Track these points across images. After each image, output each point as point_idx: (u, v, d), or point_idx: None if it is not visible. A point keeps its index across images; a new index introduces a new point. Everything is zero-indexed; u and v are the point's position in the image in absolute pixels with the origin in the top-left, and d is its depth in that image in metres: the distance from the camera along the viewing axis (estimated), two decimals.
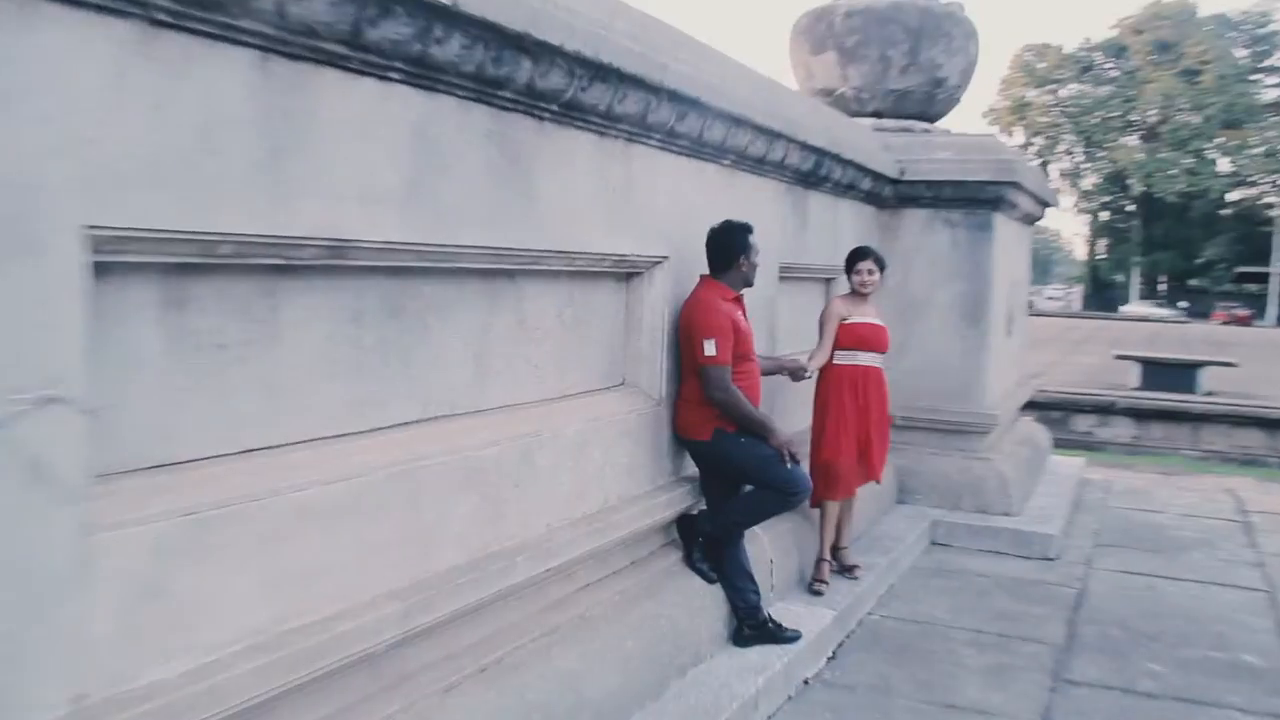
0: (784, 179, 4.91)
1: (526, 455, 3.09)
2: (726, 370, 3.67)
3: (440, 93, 2.62)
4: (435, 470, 2.72)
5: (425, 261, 2.72)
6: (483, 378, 3.08)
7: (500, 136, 2.85)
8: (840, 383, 4.64)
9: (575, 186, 3.23)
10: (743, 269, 3.80)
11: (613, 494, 3.57)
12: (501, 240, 2.91)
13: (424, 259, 2.70)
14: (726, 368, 3.67)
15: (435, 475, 2.72)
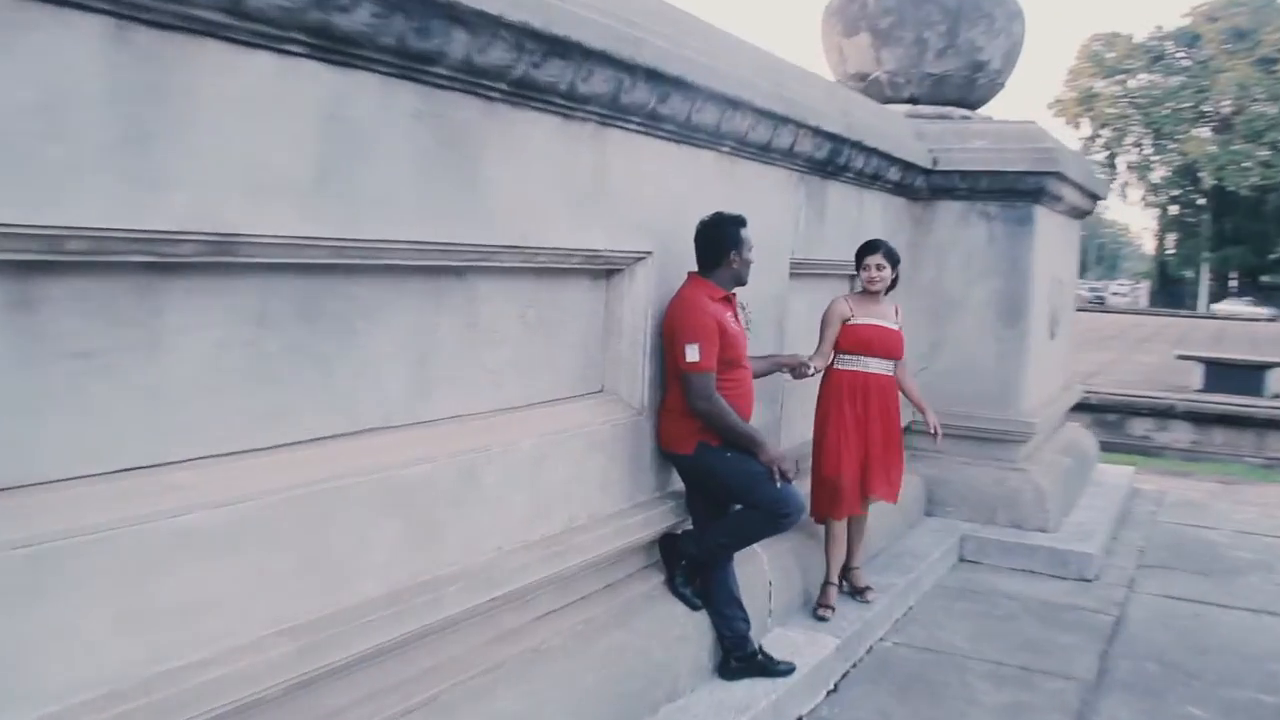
0: (796, 168, 4.55)
1: (470, 473, 2.79)
2: (710, 378, 3.34)
3: (356, 69, 2.32)
4: (352, 492, 2.44)
5: (346, 258, 2.43)
6: (426, 387, 2.79)
7: (436, 118, 2.55)
8: (839, 390, 4.26)
9: (533, 174, 2.92)
10: (734, 265, 3.46)
11: (581, 513, 3.26)
12: (441, 234, 2.61)
13: (343, 255, 2.42)
14: (710, 375, 3.34)
15: (352, 497, 2.44)
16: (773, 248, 4.44)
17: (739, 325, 3.54)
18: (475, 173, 2.70)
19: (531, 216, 2.92)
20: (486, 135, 2.72)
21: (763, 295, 4.32)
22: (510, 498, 2.95)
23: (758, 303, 4.27)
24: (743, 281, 3.55)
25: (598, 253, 3.25)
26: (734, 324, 3.46)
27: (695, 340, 3.29)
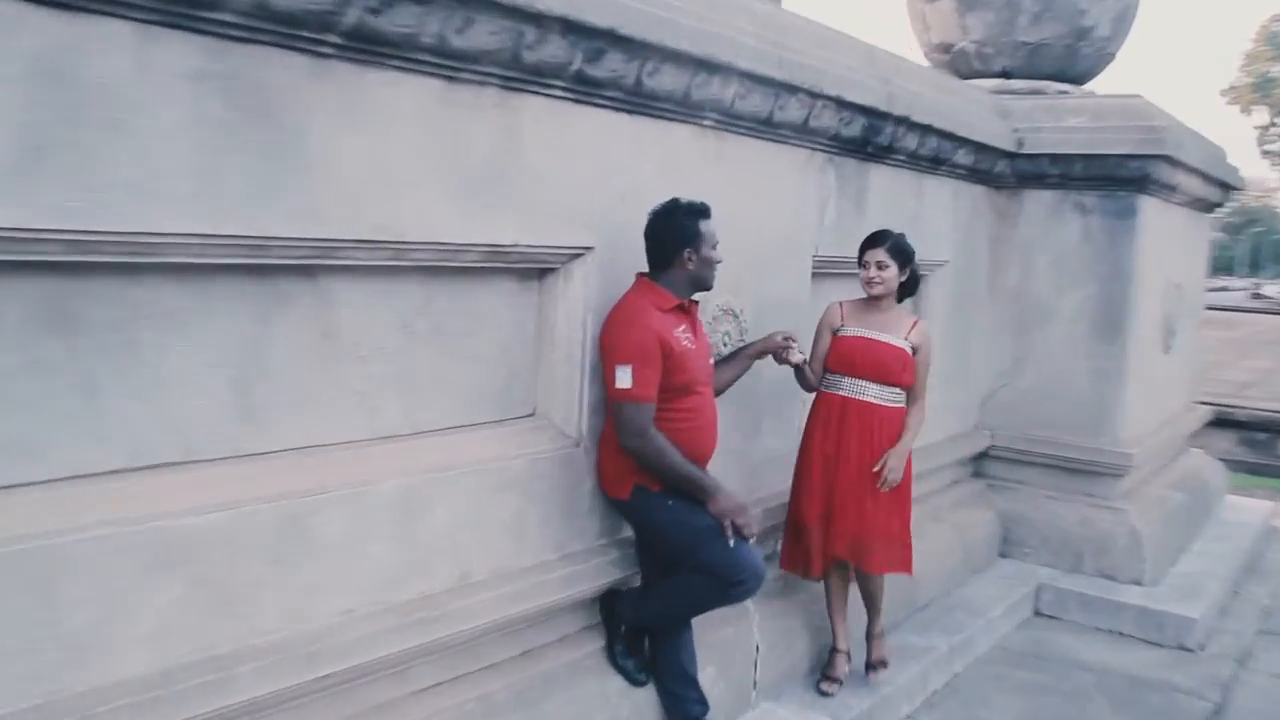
0: (818, 147, 3.80)
1: (298, 520, 2.24)
2: (644, 409, 2.68)
3: (94, 14, 1.79)
4: (104, 545, 1.92)
5: (103, 255, 1.92)
6: (254, 412, 2.26)
7: (229, 80, 2.00)
8: (814, 417, 3.48)
9: (396, 152, 2.34)
10: (688, 266, 2.78)
11: (480, 566, 2.67)
12: (240, 226, 2.06)
13: (94, 252, 1.89)
14: (644, 405, 2.68)
15: (103, 552, 1.92)
16: (785, 243, 3.73)
17: (698, 341, 2.85)
18: (298, 149, 2.14)
19: (394, 203, 2.34)
20: (316, 101, 2.15)
21: (771, 300, 3.61)
22: (365, 549, 2.39)
23: (766, 310, 3.57)
24: (704, 285, 2.86)
25: (504, 248, 2.64)
26: (686, 340, 2.78)
27: (628, 361, 2.64)
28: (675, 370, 2.72)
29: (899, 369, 3.34)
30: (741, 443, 3.62)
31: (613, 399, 2.69)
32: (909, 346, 3.36)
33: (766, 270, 3.62)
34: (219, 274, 2.16)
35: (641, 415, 2.66)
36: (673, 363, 2.71)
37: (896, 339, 3.34)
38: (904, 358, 3.33)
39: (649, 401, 2.67)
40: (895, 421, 3.35)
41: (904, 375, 3.35)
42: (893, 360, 3.33)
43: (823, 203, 3.92)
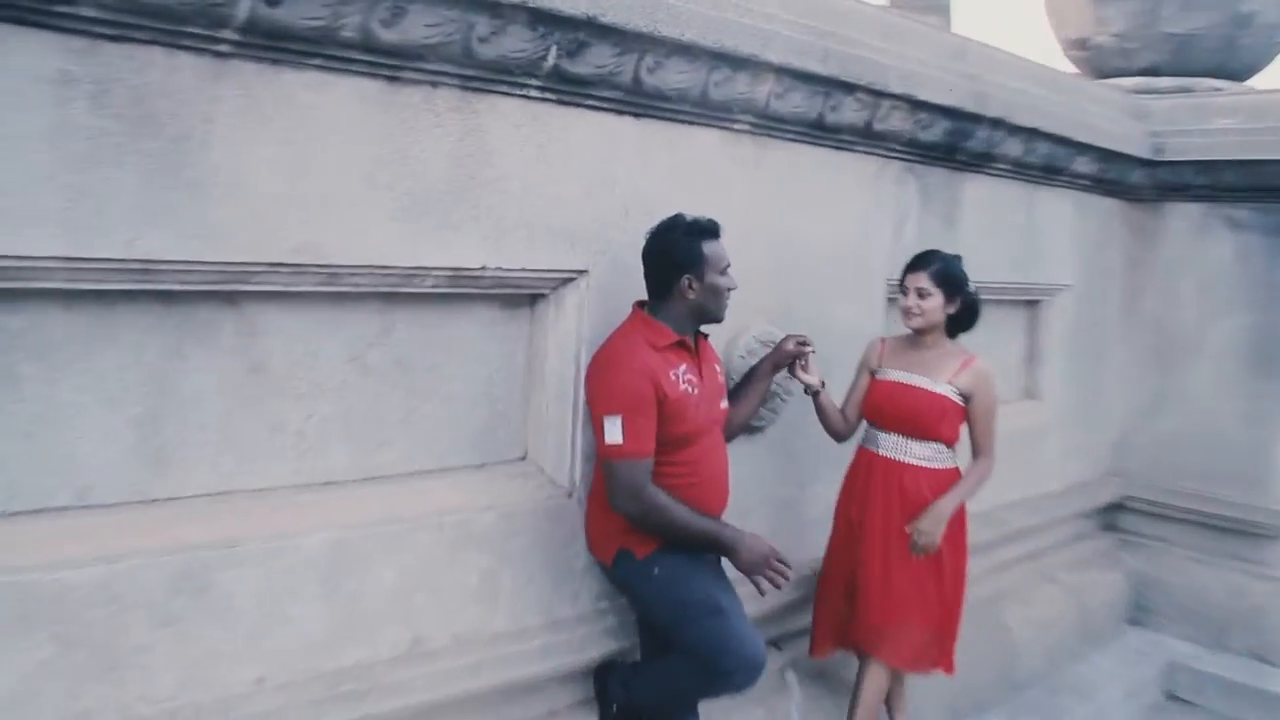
0: (892, 154, 3.31)
1: (197, 576, 1.98)
2: (640, 467, 2.28)
3: None
4: None
5: None
6: (162, 453, 2.03)
7: (102, 84, 1.76)
8: (847, 476, 2.94)
9: (322, 163, 2.05)
10: (689, 296, 2.37)
11: (437, 631, 2.35)
12: (120, 248, 1.82)
13: None
14: (641, 463, 2.27)
15: None
16: (849, 264, 3.25)
17: (704, 383, 2.43)
18: (193, 161, 1.88)
19: (320, 222, 2.06)
20: (215, 107, 1.89)
21: (831, 331, 3.13)
22: (284, 611, 2.11)
23: (825, 341, 3.07)
24: (710, 317, 2.44)
25: (469, 272, 2.31)
26: (686, 384, 2.36)
27: (616, 411, 2.25)
28: (672, 419, 2.32)
29: (934, 420, 2.73)
30: (794, 494, 3.17)
31: (603, 456, 2.32)
32: (955, 393, 2.74)
33: (823, 295, 3.16)
34: (118, 300, 1.94)
35: (636, 473, 2.27)
36: (669, 410, 2.31)
37: (937, 384, 2.74)
38: (943, 407, 2.72)
39: (644, 457, 2.27)
40: (933, 484, 2.74)
41: (942, 428, 2.73)
42: (927, 410, 2.73)
43: (900, 218, 3.41)
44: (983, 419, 2.78)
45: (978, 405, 2.76)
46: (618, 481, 2.29)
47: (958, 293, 2.73)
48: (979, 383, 2.75)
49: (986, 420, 2.79)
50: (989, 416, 2.79)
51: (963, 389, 2.74)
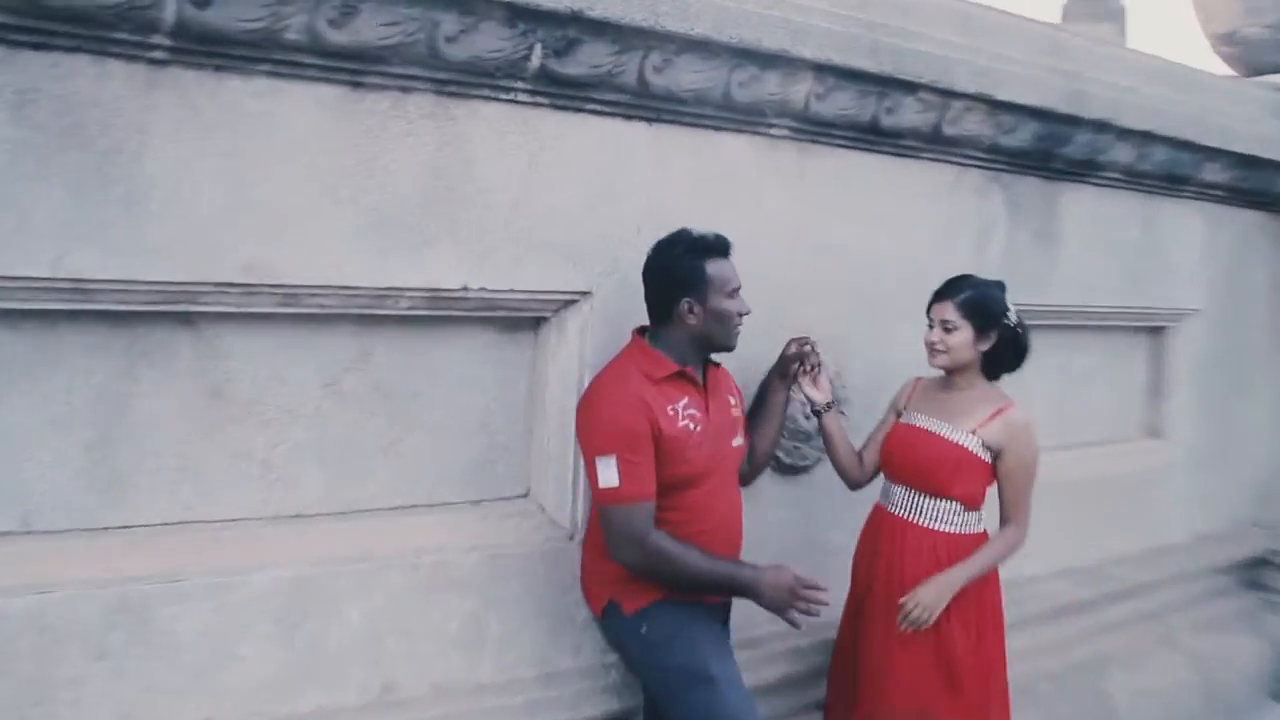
0: (970, 161, 2.94)
1: (136, 609, 1.87)
2: (640, 510, 2.02)
3: None
4: None
5: None
6: (115, 479, 1.94)
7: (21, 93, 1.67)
8: (860, 536, 2.51)
9: (275, 176, 1.91)
10: (689, 321, 2.12)
11: (411, 678, 2.18)
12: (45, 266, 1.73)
13: None
14: (641, 505, 2.02)
15: None
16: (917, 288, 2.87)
17: (710, 418, 2.15)
18: (126, 175, 1.77)
19: (272, 239, 1.92)
20: (150, 118, 1.78)
21: (894, 361, 2.78)
22: (234, 649, 1.98)
23: (888, 373, 2.74)
24: (717, 345, 2.17)
25: (449, 293, 2.13)
26: (688, 420, 2.10)
27: (610, 450, 2.01)
28: (670, 459, 2.06)
29: (947, 474, 2.28)
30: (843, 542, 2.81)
31: (598, 501, 2.08)
32: (979, 445, 2.28)
33: (883, 321, 2.82)
34: (60, 320, 1.86)
35: (637, 519, 2.01)
36: (665, 449, 2.05)
37: (957, 432, 2.29)
38: (960, 459, 2.27)
39: (645, 500, 2.02)
40: (951, 550, 2.29)
41: (955, 483, 2.27)
42: (939, 462, 2.28)
43: (983, 232, 3.03)
44: (1014, 479, 2.30)
45: (1009, 462, 2.28)
46: (616, 529, 2.05)
47: (992, 325, 2.26)
48: (1012, 435, 2.28)
49: (1019, 481, 2.30)
50: (1022, 477, 2.31)
51: (990, 441, 2.28)
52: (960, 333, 2.26)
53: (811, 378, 2.38)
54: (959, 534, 2.30)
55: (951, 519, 2.30)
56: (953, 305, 2.26)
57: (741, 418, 2.29)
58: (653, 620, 2.08)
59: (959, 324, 2.25)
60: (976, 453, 2.27)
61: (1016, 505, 2.31)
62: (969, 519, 2.31)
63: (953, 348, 2.27)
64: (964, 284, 2.29)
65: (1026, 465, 2.30)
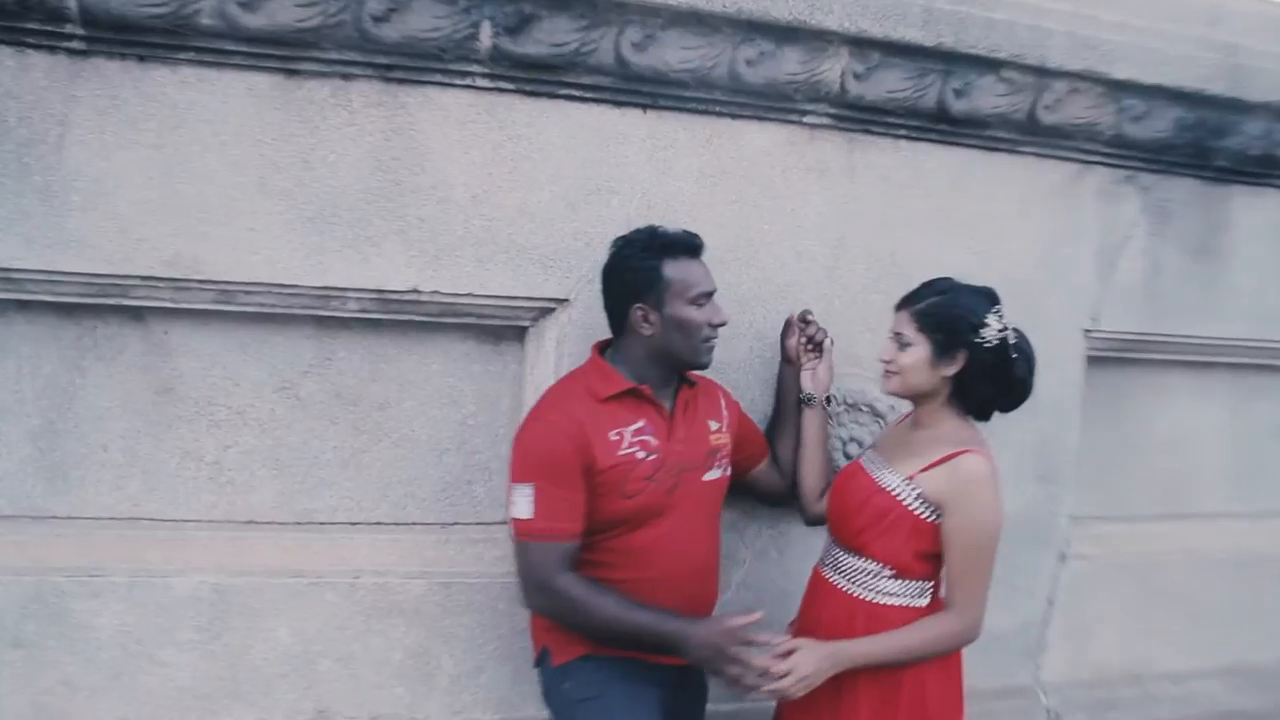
0: (1094, 158, 2.38)
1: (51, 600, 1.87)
2: (552, 551, 1.72)
3: None
4: None
5: None
6: (60, 469, 1.97)
7: None
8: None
9: (202, 168, 1.85)
10: (643, 331, 1.80)
11: (352, 709, 2.04)
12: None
13: None
14: (553, 545, 1.72)
15: None
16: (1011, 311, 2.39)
17: (671, 444, 1.83)
18: (46, 165, 1.78)
19: (197, 233, 1.86)
20: (71, 108, 1.77)
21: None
22: (154, 654, 1.92)
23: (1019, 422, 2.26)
24: (681, 361, 1.82)
25: (396, 295, 1.98)
26: (637, 447, 1.77)
27: (527, 478, 1.74)
28: (606, 493, 1.76)
29: (862, 527, 1.74)
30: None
31: (513, 533, 1.84)
32: (913, 496, 1.69)
33: None
34: (13, 310, 1.89)
35: (548, 559, 1.72)
36: (600, 482, 1.75)
37: (892, 477, 1.73)
38: (885, 510, 1.71)
39: (558, 539, 1.73)
40: (864, 622, 1.73)
41: (872, 540, 1.72)
42: (856, 510, 1.75)
43: (1111, 247, 2.46)
44: (955, 548, 1.67)
45: (951, 524, 1.67)
46: (522, 567, 1.76)
47: (958, 344, 1.69)
48: (958, 488, 1.66)
49: (961, 552, 1.67)
50: (969, 547, 1.66)
51: (929, 493, 1.68)
52: (914, 350, 1.73)
53: (808, 352, 2.02)
54: (885, 605, 1.74)
55: (873, 584, 1.74)
56: (909, 315, 1.75)
57: (728, 445, 1.93)
58: (575, 677, 1.79)
59: (914, 339, 1.73)
60: (910, 506, 1.70)
61: (957, 584, 1.68)
62: (905, 589, 1.73)
63: (904, 369, 1.74)
64: (931, 289, 1.77)
65: (976, 531, 1.66)
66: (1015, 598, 2.46)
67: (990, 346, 1.68)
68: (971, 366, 1.70)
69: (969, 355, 1.69)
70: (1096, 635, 2.57)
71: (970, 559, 1.66)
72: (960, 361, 1.70)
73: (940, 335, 1.70)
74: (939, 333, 1.70)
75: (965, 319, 1.69)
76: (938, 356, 1.70)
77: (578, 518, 1.73)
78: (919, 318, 1.71)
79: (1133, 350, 2.55)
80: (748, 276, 2.15)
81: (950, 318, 1.70)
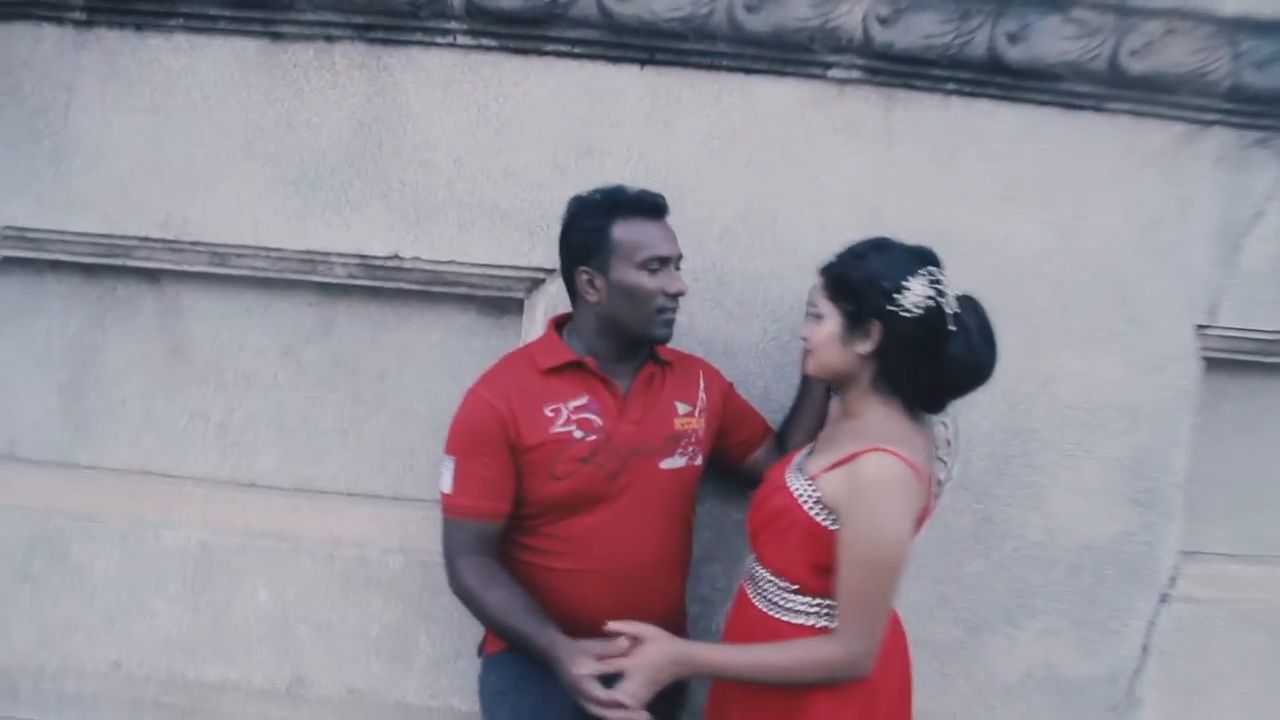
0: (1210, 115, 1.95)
1: (54, 542, 1.97)
2: (466, 530, 1.61)
3: None
4: None
5: None
6: (84, 421, 2.10)
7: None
8: None
9: (192, 132, 1.90)
10: (590, 299, 1.64)
11: (328, 680, 2.03)
12: None
13: None
14: (467, 524, 1.61)
15: None
16: (1098, 300, 2.00)
17: (616, 425, 1.64)
18: (54, 131, 1.91)
19: (187, 195, 1.91)
20: (76, 77, 1.89)
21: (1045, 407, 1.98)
22: (144, 603, 2.00)
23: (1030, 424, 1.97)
24: (636, 332, 1.63)
25: (377, 260, 1.94)
26: (574, 425, 1.61)
27: (451, 451, 1.62)
28: (535, 472, 1.60)
29: (762, 532, 1.50)
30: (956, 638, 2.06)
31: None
32: (812, 500, 1.41)
33: (1031, 347, 1.99)
34: (47, 270, 2.04)
35: (457, 537, 1.61)
36: (531, 460, 1.60)
37: (798, 477, 1.46)
38: (782, 513, 1.44)
39: (474, 518, 1.60)
40: (763, 638, 1.47)
41: (768, 547, 1.49)
42: (754, 510, 1.52)
43: (1237, 224, 2.00)
44: (848, 565, 1.36)
45: (844, 536, 1.37)
46: (444, 541, 1.65)
47: (869, 314, 1.39)
48: (853, 494, 1.35)
49: (855, 571, 1.36)
50: (857, 563, 1.35)
51: (829, 497, 1.39)
52: (826, 324, 1.44)
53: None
54: (787, 623, 1.45)
55: (776, 597, 1.47)
56: (822, 283, 1.46)
57: (702, 431, 1.73)
58: (499, 669, 1.66)
59: (825, 311, 1.44)
60: (808, 509, 1.41)
61: (844, 606, 1.38)
62: (809, 606, 1.44)
63: (815, 346, 1.46)
64: (849, 250, 1.45)
65: (866, 546, 1.35)
66: (1102, 641, 2.06)
67: (911, 317, 1.36)
68: (890, 342, 1.39)
69: (885, 328, 1.39)
70: (1209, 697, 2.10)
71: (858, 579, 1.35)
72: (875, 336, 1.40)
73: (849, 305, 1.41)
74: (848, 302, 1.41)
75: (876, 284, 1.38)
76: (849, 331, 1.42)
77: (496, 497, 1.60)
78: (829, 285, 1.44)
79: (1269, 353, 2.07)
80: (761, 249, 1.94)
81: (858, 283, 1.40)
